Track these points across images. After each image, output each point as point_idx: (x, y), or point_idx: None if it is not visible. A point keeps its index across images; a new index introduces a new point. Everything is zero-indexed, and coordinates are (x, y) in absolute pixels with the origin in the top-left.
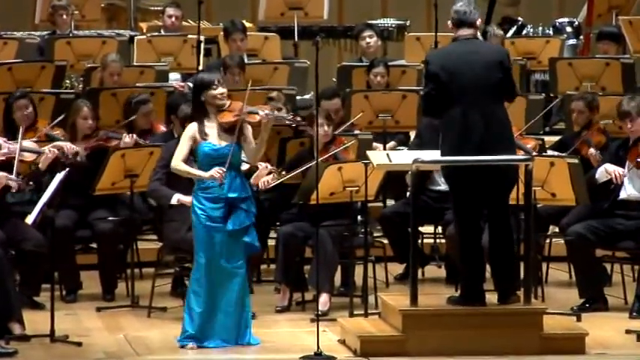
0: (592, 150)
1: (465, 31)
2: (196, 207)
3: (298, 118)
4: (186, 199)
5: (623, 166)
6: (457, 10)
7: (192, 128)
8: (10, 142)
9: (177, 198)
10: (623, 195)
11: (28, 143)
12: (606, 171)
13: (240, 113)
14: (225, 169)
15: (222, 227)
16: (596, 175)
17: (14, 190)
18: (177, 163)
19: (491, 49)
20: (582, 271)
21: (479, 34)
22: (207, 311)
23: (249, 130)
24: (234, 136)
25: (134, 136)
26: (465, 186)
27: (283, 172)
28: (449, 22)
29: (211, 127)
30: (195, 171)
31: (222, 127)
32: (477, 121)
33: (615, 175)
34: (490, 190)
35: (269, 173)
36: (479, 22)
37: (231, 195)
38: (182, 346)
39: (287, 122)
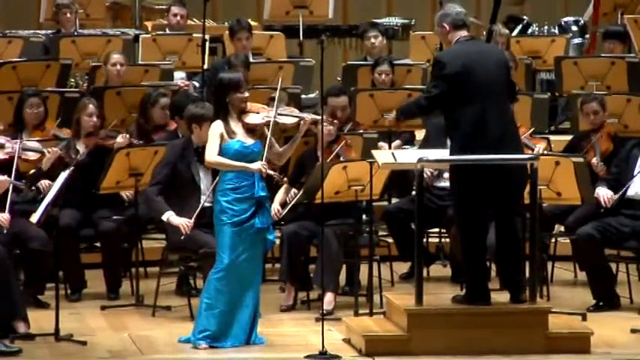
0: (594, 160)
1: (465, 32)
2: (226, 207)
3: (336, 121)
4: (177, 221)
5: (634, 164)
6: (459, 11)
7: (219, 126)
8: (13, 141)
9: (167, 216)
10: (631, 192)
11: (31, 142)
12: (595, 194)
13: (270, 116)
14: (268, 166)
15: (249, 226)
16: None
17: (5, 218)
18: (214, 157)
19: (495, 49)
20: (593, 271)
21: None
22: (228, 311)
23: (267, 132)
24: (255, 136)
25: (127, 135)
26: (475, 185)
27: (285, 179)
28: (445, 25)
29: (237, 127)
30: (237, 163)
31: (247, 127)
32: (494, 119)
33: (604, 200)
34: (501, 190)
35: (270, 177)
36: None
37: (262, 194)
38: (196, 346)
39: (326, 124)
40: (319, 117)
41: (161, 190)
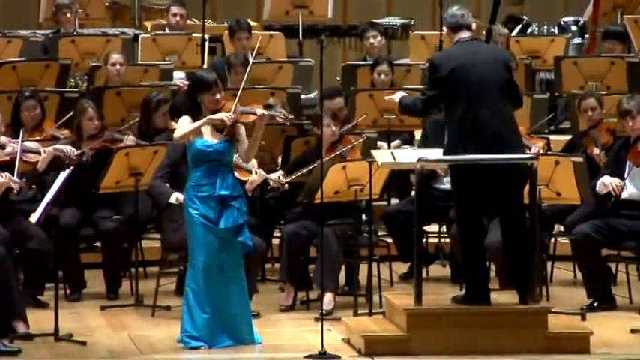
0: (596, 150)
1: (465, 34)
2: (189, 207)
3: (291, 116)
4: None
5: (624, 165)
6: (454, 13)
7: (187, 118)
8: (14, 141)
9: (175, 197)
10: (624, 195)
11: (31, 143)
12: (603, 184)
13: (231, 116)
14: (233, 116)
15: (216, 227)
16: (596, 189)
17: (15, 192)
18: (178, 132)
19: (495, 49)
20: (589, 270)
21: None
22: (212, 315)
23: (241, 129)
24: (225, 134)
25: (134, 138)
26: (471, 184)
27: (286, 186)
28: (444, 28)
29: (205, 127)
30: (200, 121)
31: (215, 126)
32: (487, 118)
33: (613, 187)
34: (500, 188)
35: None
36: (474, 26)
37: (222, 193)
38: (191, 348)
39: (279, 120)
40: (276, 113)
41: (165, 182)
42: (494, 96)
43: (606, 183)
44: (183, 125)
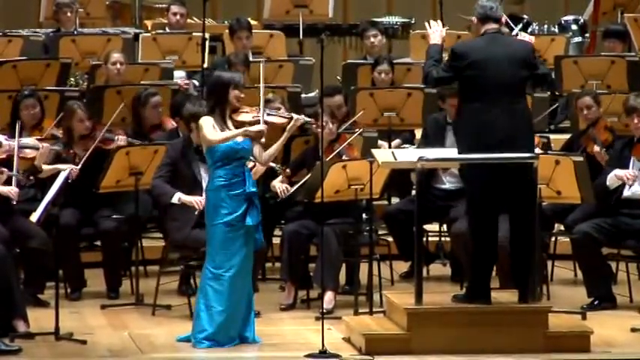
0: (597, 148)
1: (491, 26)
2: (220, 207)
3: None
4: (187, 198)
5: (627, 164)
6: (484, 5)
7: (209, 119)
8: (11, 139)
9: (178, 197)
10: (626, 193)
11: (28, 140)
12: (616, 176)
13: (259, 115)
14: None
15: (243, 224)
16: (607, 182)
17: (14, 201)
18: (218, 135)
19: (516, 44)
20: (589, 269)
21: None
22: (226, 311)
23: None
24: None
25: (127, 138)
26: (482, 182)
27: (288, 170)
28: (473, 18)
29: (228, 125)
30: (239, 130)
31: (236, 125)
32: (498, 116)
33: (627, 178)
34: (510, 187)
35: (273, 171)
36: (504, 18)
37: (252, 189)
38: (197, 347)
39: (315, 129)
40: (308, 119)
41: (166, 182)
42: (506, 95)
43: (620, 175)
44: (209, 128)
